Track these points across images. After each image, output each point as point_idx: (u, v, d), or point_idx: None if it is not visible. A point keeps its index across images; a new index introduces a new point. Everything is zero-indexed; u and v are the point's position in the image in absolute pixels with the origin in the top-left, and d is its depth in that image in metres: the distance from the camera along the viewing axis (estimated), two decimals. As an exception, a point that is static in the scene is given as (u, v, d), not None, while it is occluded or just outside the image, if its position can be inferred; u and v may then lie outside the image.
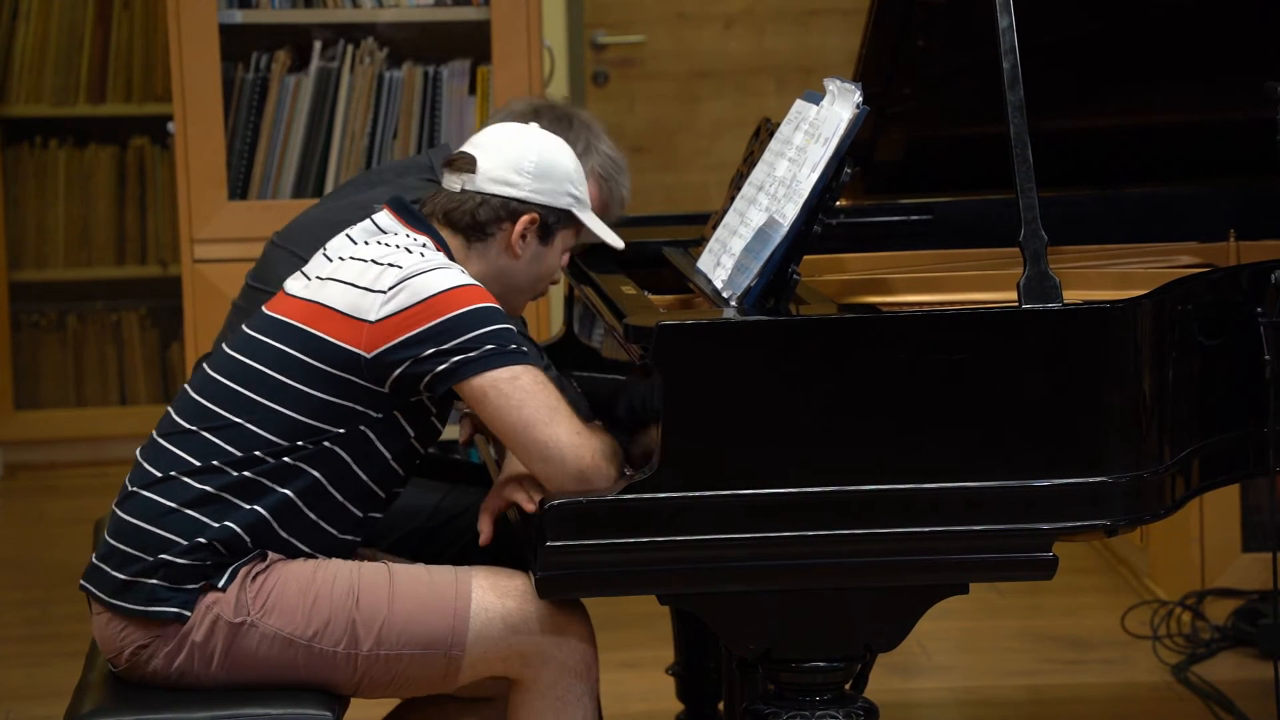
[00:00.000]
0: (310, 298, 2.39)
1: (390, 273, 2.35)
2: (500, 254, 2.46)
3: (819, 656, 2.36)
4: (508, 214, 2.44)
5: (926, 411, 2.31)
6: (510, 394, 2.31)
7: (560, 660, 2.39)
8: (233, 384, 2.39)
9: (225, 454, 2.36)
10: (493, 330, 2.33)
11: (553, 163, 2.46)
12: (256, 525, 2.36)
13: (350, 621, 2.37)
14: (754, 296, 2.39)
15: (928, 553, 2.31)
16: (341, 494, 2.39)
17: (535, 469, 2.35)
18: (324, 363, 2.35)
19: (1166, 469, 2.40)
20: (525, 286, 2.50)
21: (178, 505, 2.35)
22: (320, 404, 2.35)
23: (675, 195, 5.62)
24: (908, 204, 3.14)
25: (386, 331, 2.33)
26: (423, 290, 2.33)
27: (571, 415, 2.34)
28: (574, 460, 2.31)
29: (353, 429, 2.36)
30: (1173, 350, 2.43)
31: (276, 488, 2.36)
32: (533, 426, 2.31)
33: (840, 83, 2.43)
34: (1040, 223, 2.36)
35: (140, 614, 2.35)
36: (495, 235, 2.45)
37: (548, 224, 2.46)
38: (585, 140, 2.84)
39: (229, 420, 2.37)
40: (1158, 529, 4.04)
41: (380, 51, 4.01)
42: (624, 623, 3.81)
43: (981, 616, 4.08)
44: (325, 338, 2.35)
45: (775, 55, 5.62)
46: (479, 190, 2.44)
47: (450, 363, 2.31)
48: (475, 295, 2.34)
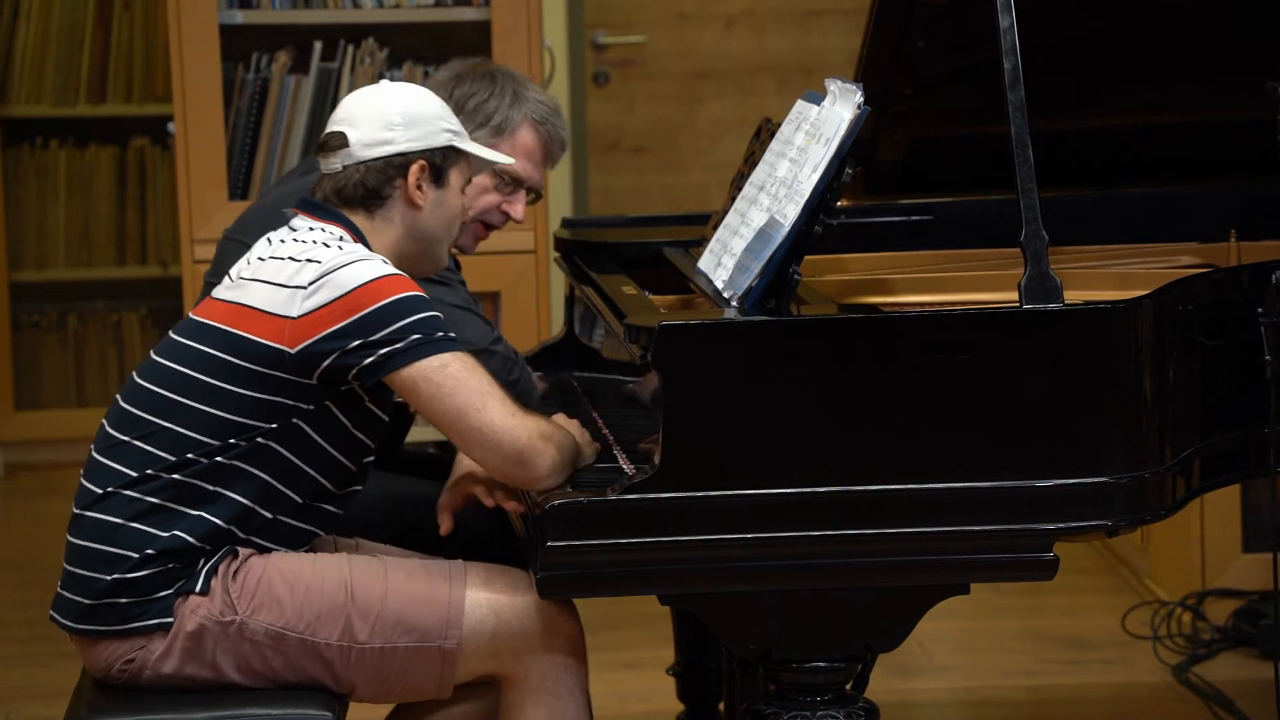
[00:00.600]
0: (231, 299, 2.39)
1: (309, 268, 2.34)
2: (404, 211, 2.45)
3: (820, 657, 2.36)
4: (395, 170, 2.44)
5: (927, 412, 2.31)
6: (441, 383, 2.31)
7: (551, 654, 2.40)
8: (158, 389, 2.38)
9: (158, 460, 2.35)
10: (418, 320, 2.32)
11: (418, 108, 2.46)
12: (211, 532, 2.36)
13: (345, 614, 2.37)
14: (755, 297, 2.39)
15: (928, 553, 2.31)
16: (291, 489, 2.38)
17: (474, 455, 2.37)
18: (248, 361, 2.34)
19: (1167, 469, 2.40)
20: (440, 234, 2.49)
21: (123, 521, 2.35)
22: (247, 401, 2.35)
23: (676, 195, 5.63)
24: (909, 204, 3.14)
25: (310, 326, 2.32)
26: (345, 283, 2.32)
27: (504, 398, 2.34)
28: (510, 443, 2.31)
29: (285, 423, 2.36)
30: (1173, 350, 2.43)
31: (222, 491, 2.35)
32: (466, 413, 2.31)
33: (841, 83, 2.43)
34: (1041, 223, 2.36)
35: (115, 633, 2.35)
36: (392, 195, 2.44)
37: (436, 165, 2.45)
38: (512, 90, 2.85)
39: (157, 425, 2.37)
40: (1158, 529, 4.03)
41: (380, 52, 4.01)
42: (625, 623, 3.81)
43: (982, 617, 4.07)
44: (248, 336, 2.35)
45: (776, 55, 5.62)
46: (360, 160, 2.43)
47: (377, 355, 2.31)
48: (398, 285, 2.34)
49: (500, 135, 2.83)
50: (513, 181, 2.85)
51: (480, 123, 2.82)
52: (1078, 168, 3.11)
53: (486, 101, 2.83)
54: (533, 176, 2.87)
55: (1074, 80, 3.05)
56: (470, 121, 2.81)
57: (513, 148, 2.83)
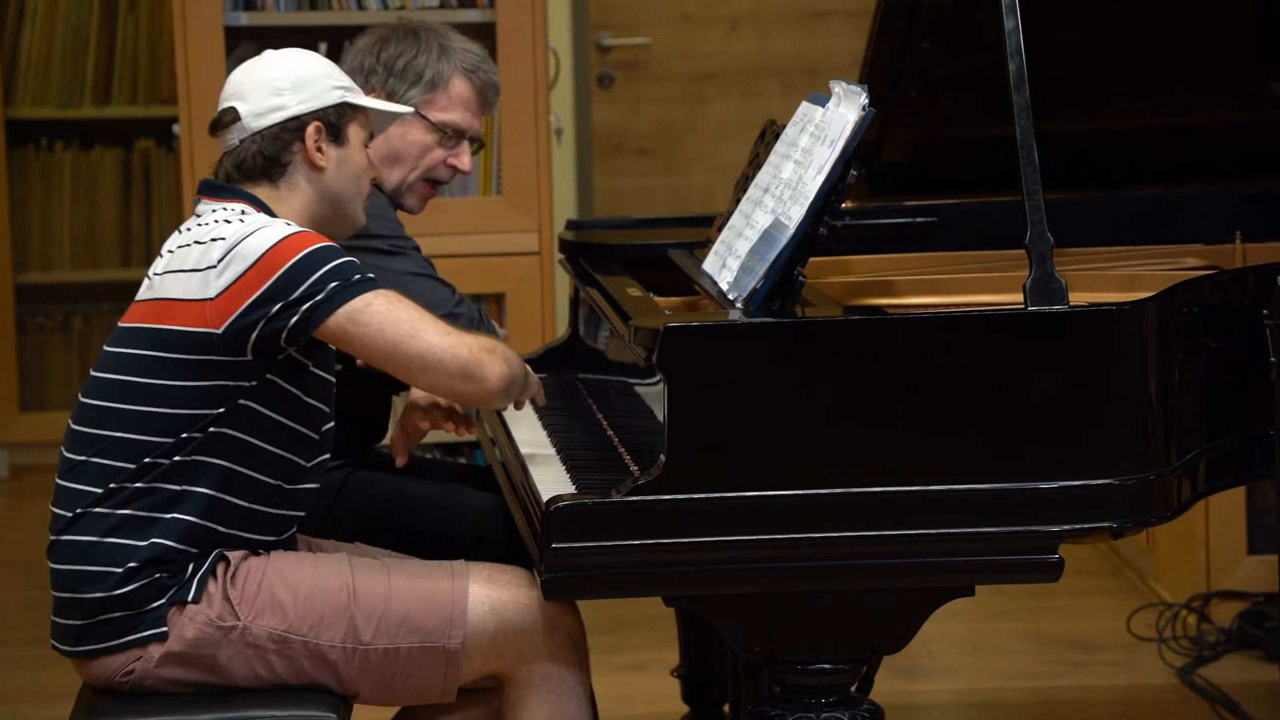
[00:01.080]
0: (150, 297, 2.39)
1: (216, 246, 2.34)
2: (308, 175, 2.44)
3: (824, 658, 2.36)
4: (291, 134, 2.43)
5: (932, 414, 2.30)
6: (368, 322, 2.31)
7: (553, 652, 2.41)
8: (103, 402, 2.38)
9: (119, 472, 2.35)
10: (332, 268, 2.32)
11: (303, 70, 2.45)
12: (189, 532, 2.35)
13: (349, 615, 2.37)
14: (759, 299, 2.39)
15: (933, 555, 2.31)
16: (257, 472, 2.38)
17: (421, 383, 2.37)
18: (180, 352, 2.34)
19: (1172, 471, 2.40)
20: (349, 192, 2.48)
21: (98, 538, 2.35)
22: (189, 392, 2.34)
23: (680, 197, 5.63)
24: (913, 206, 3.14)
25: (229, 302, 2.32)
26: (252, 252, 2.32)
27: (435, 321, 2.34)
28: (451, 360, 2.31)
29: (232, 405, 2.35)
30: (1178, 352, 2.43)
31: (189, 488, 2.35)
32: (400, 344, 2.31)
33: (846, 85, 2.43)
34: (1046, 225, 2.35)
35: (111, 648, 2.35)
36: (292, 161, 2.44)
37: (332, 124, 2.45)
38: (438, 44, 2.86)
39: (110, 438, 2.36)
40: (1164, 531, 4.03)
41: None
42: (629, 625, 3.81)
43: (987, 619, 4.07)
44: (173, 328, 2.34)
45: (780, 57, 5.62)
46: (254, 130, 2.43)
47: (300, 312, 2.30)
48: (304, 240, 2.33)
49: (434, 90, 2.84)
50: (454, 134, 2.87)
51: (412, 80, 2.84)
52: (1083, 169, 3.11)
53: (415, 59, 2.84)
54: (473, 125, 2.89)
55: (1079, 82, 3.05)
56: (402, 81, 2.83)
57: (449, 99, 2.84)
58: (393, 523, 2.78)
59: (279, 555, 2.42)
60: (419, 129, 2.84)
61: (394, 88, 2.83)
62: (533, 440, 2.72)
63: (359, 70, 2.85)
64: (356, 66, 2.86)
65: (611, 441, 2.66)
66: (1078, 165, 3.07)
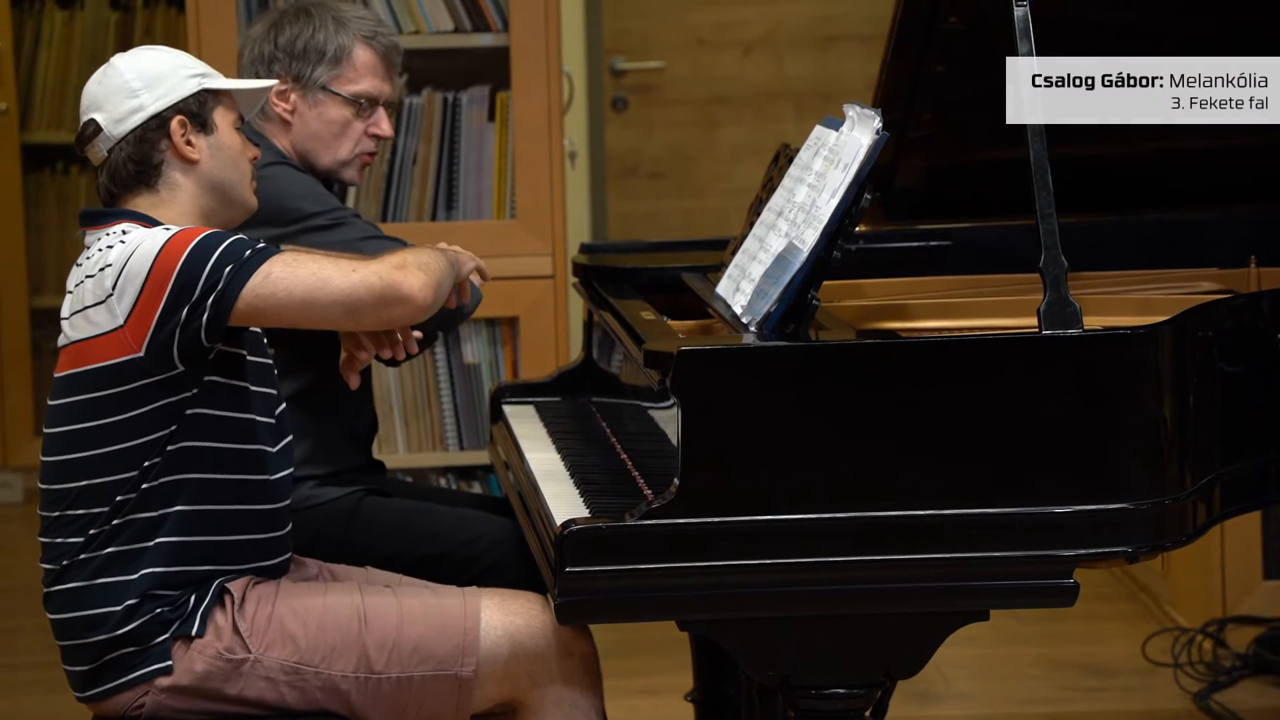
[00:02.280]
0: (68, 342, 2.38)
1: (107, 274, 2.33)
2: (184, 170, 2.42)
3: (838, 683, 2.35)
4: (155, 133, 2.41)
5: (946, 438, 2.30)
6: (274, 291, 2.29)
7: (567, 677, 2.40)
8: (60, 456, 2.37)
9: (94, 518, 2.34)
10: (221, 253, 2.30)
11: (153, 66, 2.43)
12: (177, 553, 2.34)
13: (360, 645, 2.36)
14: (773, 322, 2.39)
15: (947, 579, 2.30)
16: (227, 473, 2.37)
17: (351, 326, 2.37)
18: (114, 386, 2.33)
19: (1188, 496, 2.39)
20: (232, 177, 2.45)
21: (88, 582, 2.34)
22: (137, 420, 2.33)
23: (694, 220, 5.63)
24: (927, 229, 3.14)
25: (139, 323, 2.30)
26: (140, 268, 2.30)
27: (336, 260, 2.32)
28: (366, 293, 2.29)
29: (181, 419, 2.34)
30: (1193, 377, 2.42)
31: (165, 511, 2.34)
32: (313, 299, 2.30)
33: (860, 108, 2.43)
34: (1060, 248, 2.35)
35: (120, 686, 2.35)
36: (164, 160, 2.41)
37: (195, 113, 2.42)
38: (332, 18, 2.87)
39: (77, 488, 2.35)
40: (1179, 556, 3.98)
41: (400, 78, 4.02)
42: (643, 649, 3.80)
43: (1001, 643, 4.06)
44: (99, 365, 2.33)
45: (794, 81, 5.63)
46: (118, 138, 2.40)
47: (208, 307, 2.29)
48: (186, 238, 2.31)
49: (339, 64, 2.86)
50: (368, 103, 2.88)
51: (316, 60, 2.85)
52: (1097, 193, 3.11)
53: (313, 37, 2.85)
54: (384, 90, 2.90)
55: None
56: (305, 62, 2.84)
57: (355, 71, 2.86)
58: (405, 548, 2.78)
59: (288, 585, 2.42)
60: (334, 105, 2.85)
61: (299, 71, 2.84)
62: (546, 463, 2.72)
63: (260, 59, 2.86)
64: (256, 56, 2.86)
65: (625, 465, 2.66)
66: (1092, 189, 3.06)
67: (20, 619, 4.46)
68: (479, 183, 4.05)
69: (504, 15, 4.00)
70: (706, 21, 5.61)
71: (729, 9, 5.61)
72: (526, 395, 3.12)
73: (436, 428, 4.06)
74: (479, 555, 2.79)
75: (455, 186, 4.04)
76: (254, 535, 2.40)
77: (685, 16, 5.59)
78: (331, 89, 2.84)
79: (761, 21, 5.62)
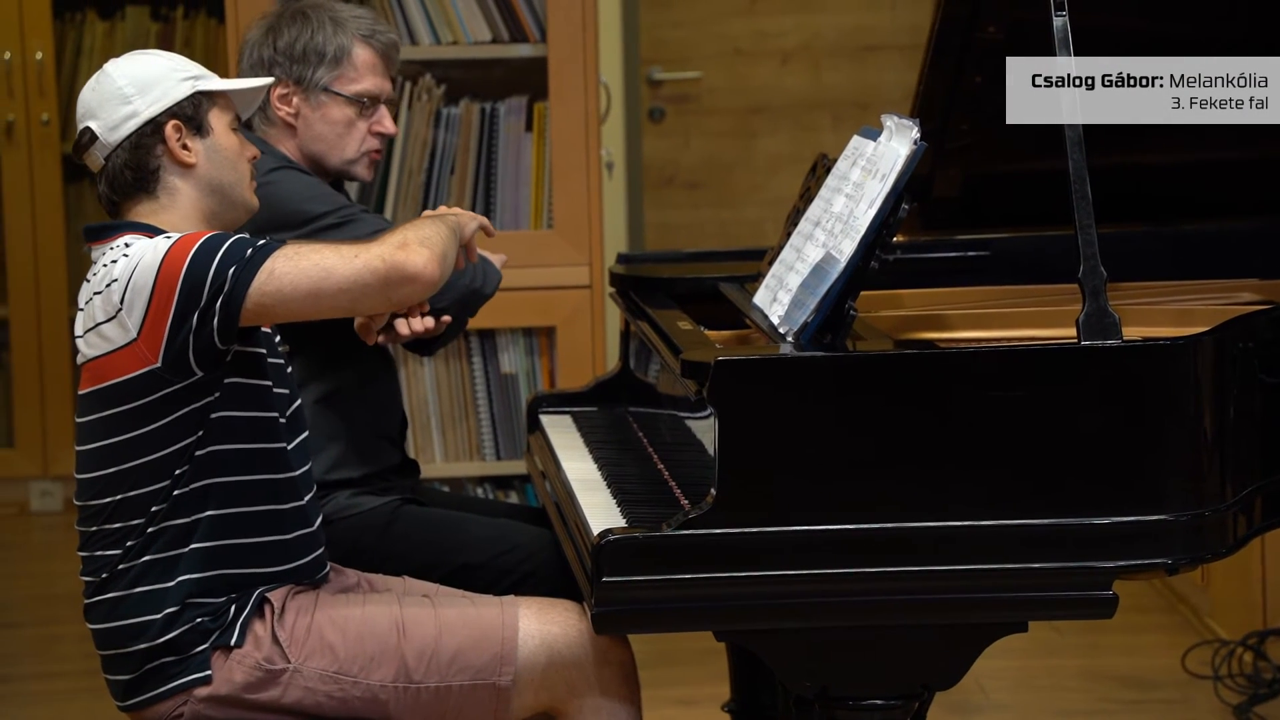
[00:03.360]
0: (86, 360, 2.38)
1: (114, 289, 2.33)
2: (181, 174, 2.42)
3: (876, 694, 2.34)
4: (150, 139, 2.40)
5: (984, 448, 2.29)
6: (280, 287, 2.29)
7: (605, 686, 2.40)
8: (93, 473, 2.38)
9: (130, 530, 2.35)
10: (223, 255, 2.29)
11: (145, 70, 2.42)
12: (211, 558, 2.35)
13: (399, 654, 2.37)
14: (810, 332, 2.38)
15: (986, 590, 2.29)
16: (254, 473, 2.38)
17: (361, 310, 2.37)
18: (136, 399, 2.33)
19: (1228, 507, 2.38)
20: (230, 179, 2.45)
21: (127, 591, 2.35)
22: (164, 430, 2.33)
23: (731, 230, 5.63)
24: (965, 240, 3.13)
25: (152, 333, 2.30)
26: (146, 280, 2.30)
27: (338, 249, 2.31)
28: (372, 277, 2.29)
29: (206, 423, 2.34)
30: (1234, 387, 2.41)
31: (197, 516, 2.35)
32: (320, 290, 2.29)
33: (898, 119, 2.43)
34: (1099, 259, 2.34)
35: (160, 695, 2.36)
36: (161, 165, 2.41)
37: (190, 116, 2.42)
38: (329, 19, 2.88)
39: (111, 502, 2.36)
40: (1219, 568, 3.99)
41: (438, 89, 4.04)
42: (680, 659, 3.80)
43: (1040, 655, 4.04)
44: (120, 380, 2.33)
45: (831, 91, 5.63)
46: (114, 145, 2.40)
47: (217, 311, 2.29)
48: (187, 244, 2.31)
49: (340, 64, 2.87)
50: (370, 101, 2.89)
51: (316, 61, 2.86)
52: (1136, 203, 3.10)
53: (312, 39, 2.86)
54: (384, 88, 2.92)
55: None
56: (306, 65, 2.85)
57: (356, 70, 2.87)
58: (442, 557, 2.78)
59: (327, 596, 2.42)
60: (336, 106, 2.87)
61: (300, 73, 2.85)
62: (583, 473, 2.72)
63: (260, 64, 2.87)
64: (256, 61, 2.88)
65: (662, 475, 2.66)
66: (1131, 199, 3.05)
67: (62, 627, 4.48)
68: (516, 193, 4.06)
69: (542, 26, 4.01)
70: (744, 31, 5.61)
71: (767, 19, 5.61)
72: (563, 405, 3.12)
73: (474, 437, 4.07)
74: (516, 565, 2.79)
75: (493, 196, 4.05)
76: (285, 535, 2.41)
77: (723, 26, 5.59)
78: (333, 90, 2.85)
79: (799, 31, 5.62)
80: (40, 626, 4.54)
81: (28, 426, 5.46)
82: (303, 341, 2.74)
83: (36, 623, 4.57)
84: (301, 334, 2.68)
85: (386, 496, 2.86)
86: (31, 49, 5.35)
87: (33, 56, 5.34)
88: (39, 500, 5.49)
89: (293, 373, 2.49)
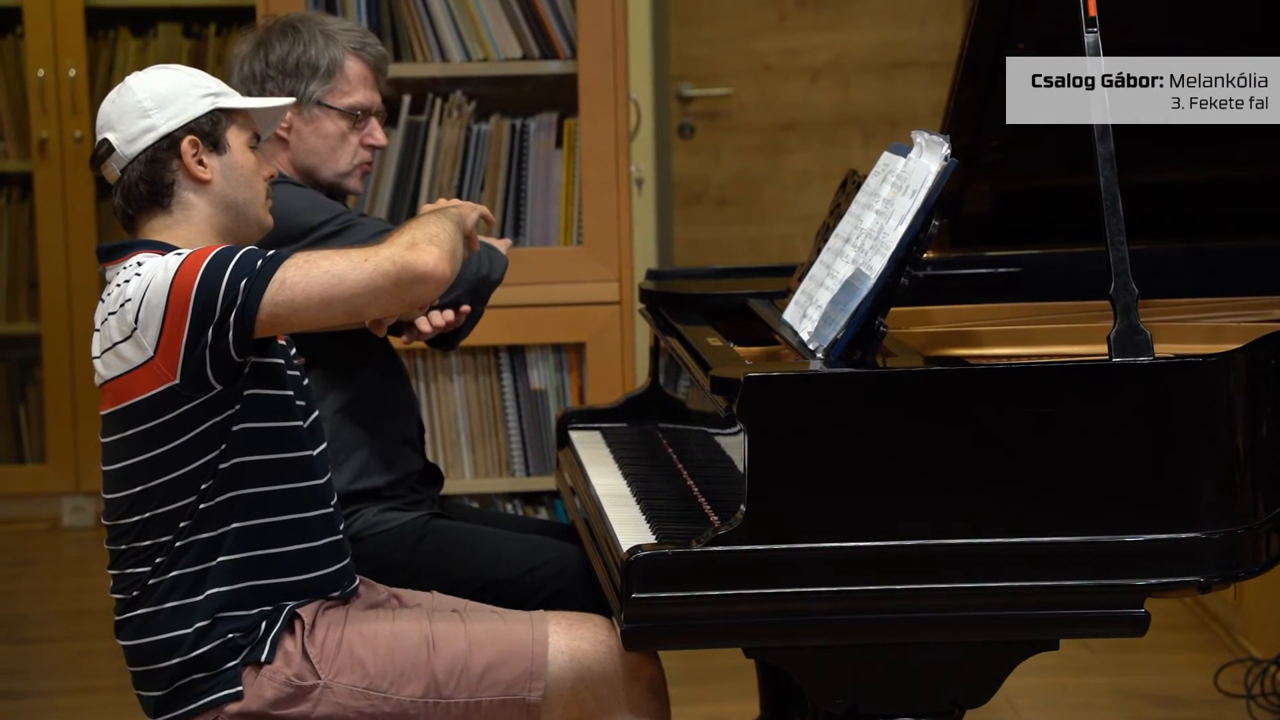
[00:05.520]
0: (105, 381, 2.38)
1: (128, 309, 2.33)
2: (196, 190, 2.42)
3: (906, 711, 2.34)
4: (167, 153, 2.40)
5: (1015, 465, 2.29)
6: (292, 296, 2.30)
7: (634, 702, 2.40)
8: (120, 493, 2.38)
9: (159, 546, 2.36)
10: (234, 269, 2.30)
11: (165, 86, 2.42)
12: (239, 570, 2.36)
13: (429, 670, 2.37)
14: (840, 349, 2.38)
15: (1017, 608, 2.29)
16: (277, 483, 2.38)
17: (377, 315, 2.38)
18: (158, 417, 2.33)
19: (1261, 525, 2.37)
20: (245, 197, 2.45)
21: (157, 606, 2.36)
22: (187, 446, 2.34)
23: (760, 247, 5.63)
24: (996, 256, 3.13)
25: (169, 351, 2.31)
26: (159, 297, 2.30)
27: (347, 254, 2.32)
28: (383, 279, 2.29)
29: (229, 436, 2.34)
30: (1266, 405, 2.40)
31: (223, 529, 2.35)
32: (332, 297, 2.30)
33: (928, 135, 2.43)
34: (1131, 275, 2.34)
35: (191, 712, 2.37)
36: (176, 179, 2.41)
37: (207, 133, 2.42)
38: (320, 32, 2.89)
39: (140, 520, 2.37)
40: (1251, 586, 3.97)
41: (469, 105, 4.05)
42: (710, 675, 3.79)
43: (1071, 673, 4.02)
44: (140, 399, 2.34)
45: (861, 107, 5.62)
46: (131, 157, 2.40)
47: (231, 325, 2.29)
48: (196, 260, 2.31)
49: (331, 78, 2.87)
50: (362, 114, 2.90)
51: (309, 75, 2.87)
52: (1168, 220, 3.09)
53: (304, 53, 2.87)
54: (375, 100, 2.93)
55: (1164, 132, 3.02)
56: (299, 79, 2.86)
57: (348, 84, 2.88)
58: (471, 573, 2.79)
59: (357, 612, 2.43)
60: (329, 119, 2.87)
61: (293, 87, 2.86)
62: (612, 489, 2.72)
63: (252, 79, 2.87)
64: (248, 75, 2.88)
65: (691, 491, 2.66)
66: (1162, 216, 3.04)
67: (94, 642, 4.49)
68: (546, 209, 4.06)
69: (572, 42, 4.02)
70: (774, 48, 5.61)
71: (796, 35, 5.61)
72: (593, 421, 3.13)
73: (503, 453, 4.07)
74: (545, 581, 2.79)
75: (523, 213, 4.06)
76: (312, 543, 2.41)
77: (752, 43, 5.60)
78: (326, 103, 2.86)
79: (829, 48, 5.62)
80: (72, 642, 4.55)
81: (60, 442, 5.48)
82: (317, 353, 2.75)
83: (68, 638, 4.59)
84: (315, 346, 2.69)
85: (415, 511, 2.87)
86: (65, 66, 5.38)
87: (66, 74, 5.37)
88: (71, 516, 5.51)
89: (309, 385, 2.50)
